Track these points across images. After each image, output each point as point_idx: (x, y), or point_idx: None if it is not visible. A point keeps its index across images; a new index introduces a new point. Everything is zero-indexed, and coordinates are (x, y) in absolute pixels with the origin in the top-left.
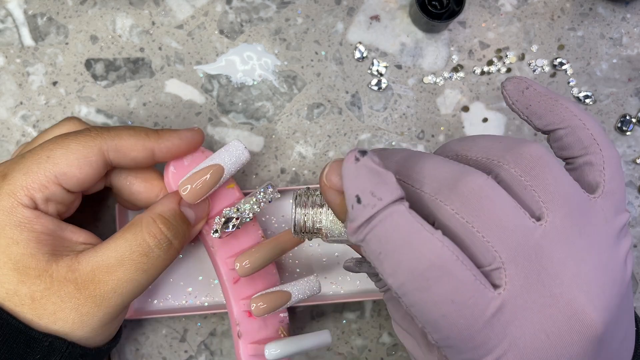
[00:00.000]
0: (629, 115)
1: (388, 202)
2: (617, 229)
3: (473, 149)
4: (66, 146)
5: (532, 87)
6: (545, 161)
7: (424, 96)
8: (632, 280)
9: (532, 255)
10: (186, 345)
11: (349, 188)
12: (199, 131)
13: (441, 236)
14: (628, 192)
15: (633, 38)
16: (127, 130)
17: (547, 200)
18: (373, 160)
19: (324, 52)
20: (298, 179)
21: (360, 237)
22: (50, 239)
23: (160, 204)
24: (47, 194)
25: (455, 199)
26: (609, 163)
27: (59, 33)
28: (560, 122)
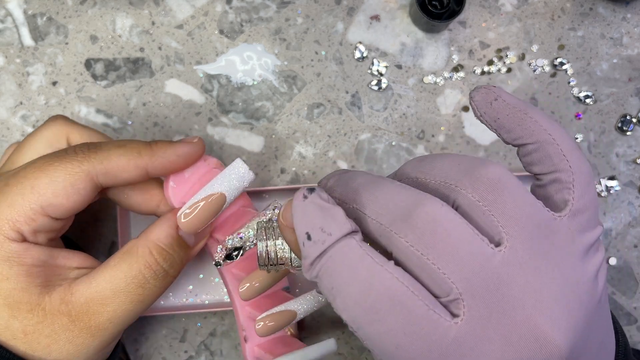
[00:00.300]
0: (630, 115)
1: (338, 237)
2: (585, 246)
3: (431, 173)
4: (51, 174)
5: (501, 98)
6: (503, 184)
7: (424, 96)
8: (632, 280)
9: (490, 283)
10: (186, 345)
11: (299, 225)
12: (198, 144)
13: (392, 267)
14: (628, 192)
15: (633, 38)
16: (117, 150)
17: (506, 224)
18: (321, 196)
19: (324, 52)
20: (298, 179)
21: (313, 273)
22: (41, 270)
23: (158, 227)
24: (35, 226)
25: (409, 231)
26: (579, 180)
27: (58, 33)
28: (529, 136)
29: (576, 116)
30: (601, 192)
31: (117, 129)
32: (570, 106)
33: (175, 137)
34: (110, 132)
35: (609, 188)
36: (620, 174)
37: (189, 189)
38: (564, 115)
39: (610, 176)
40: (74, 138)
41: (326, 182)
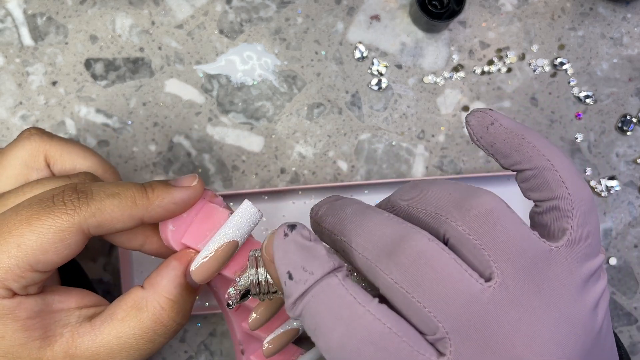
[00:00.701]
0: (630, 115)
1: (319, 276)
2: (585, 276)
3: (421, 202)
4: (38, 231)
5: (498, 122)
6: (495, 215)
7: (424, 96)
8: (632, 280)
9: (478, 321)
10: (186, 345)
11: (281, 264)
12: (197, 187)
13: (375, 307)
14: (628, 192)
15: (634, 38)
16: (110, 200)
17: (497, 259)
18: (302, 234)
19: (324, 52)
20: (298, 179)
21: (296, 312)
22: (38, 322)
23: (166, 279)
24: (24, 283)
25: (394, 268)
26: (578, 208)
27: (58, 33)
28: (527, 162)
29: (576, 116)
30: (601, 192)
31: (117, 129)
32: (571, 106)
33: (175, 137)
34: (110, 132)
35: (609, 188)
36: (621, 173)
37: (188, 229)
38: (564, 115)
39: (611, 176)
40: (52, 154)
41: (317, 210)
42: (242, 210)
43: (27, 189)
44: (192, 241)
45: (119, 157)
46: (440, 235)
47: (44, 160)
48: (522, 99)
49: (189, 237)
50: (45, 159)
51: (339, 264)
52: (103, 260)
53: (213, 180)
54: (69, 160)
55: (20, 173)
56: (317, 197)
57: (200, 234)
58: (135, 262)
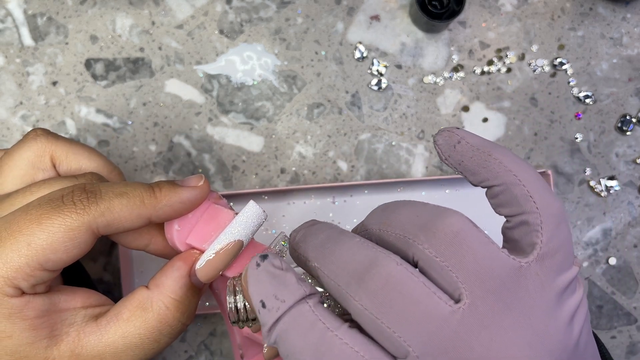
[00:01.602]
0: (629, 115)
1: (291, 304)
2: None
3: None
4: (48, 230)
5: (465, 139)
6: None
7: (424, 96)
8: (632, 280)
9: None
10: (186, 345)
11: (254, 294)
12: (203, 187)
13: (344, 332)
14: (628, 192)
15: (633, 38)
16: (119, 199)
17: (465, 280)
18: (273, 264)
19: (324, 52)
20: (298, 179)
21: (271, 340)
22: (45, 321)
23: (170, 279)
24: (33, 282)
25: (362, 294)
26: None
27: (58, 33)
28: (494, 178)
29: (576, 116)
30: (601, 192)
31: (117, 129)
32: (570, 106)
33: (175, 136)
34: (110, 132)
35: (609, 188)
36: (620, 173)
37: (193, 229)
38: (563, 115)
39: (610, 176)
40: (58, 154)
41: (295, 236)
42: (247, 210)
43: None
44: (197, 241)
45: (119, 157)
46: (409, 258)
47: (50, 161)
48: (521, 99)
49: (194, 238)
50: (51, 160)
51: (311, 291)
52: (103, 260)
53: (213, 180)
54: (74, 161)
55: (26, 173)
56: (317, 197)
57: (205, 235)
58: (136, 262)
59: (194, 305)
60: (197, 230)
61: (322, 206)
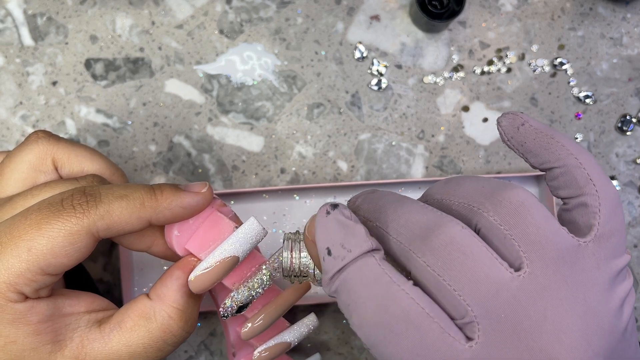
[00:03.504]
0: (629, 115)
1: (357, 254)
2: (611, 274)
3: (455, 195)
4: (48, 234)
5: (528, 123)
6: (526, 208)
7: (424, 96)
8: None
9: (507, 308)
10: (186, 345)
11: (320, 241)
12: (206, 194)
13: (410, 288)
14: (628, 192)
15: (633, 38)
16: (119, 202)
17: (527, 249)
18: (343, 213)
19: (324, 52)
20: (298, 179)
21: (332, 288)
22: (49, 325)
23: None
24: (35, 286)
25: (426, 251)
26: (605, 204)
27: (58, 33)
28: (556, 160)
29: (576, 116)
30: None
31: (117, 129)
32: (570, 106)
33: (175, 137)
34: (110, 132)
35: None
36: (620, 174)
37: (193, 235)
38: (563, 115)
39: (610, 176)
40: (60, 157)
41: (355, 200)
42: (246, 226)
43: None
44: (195, 248)
45: (119, 157)
46: (472, 225)
47: (51, 164)
48: (521, 99)
49: (193, 244)
50: (53, 162)
51: (377, 246)
52: (103, 260)
53: (213, 180)
54: (76, 163)
55: (28, 176)
56: (317, 197)
57: (204, 243)
58: (136, 262)
59: (196, 312)
60: (196, 237)
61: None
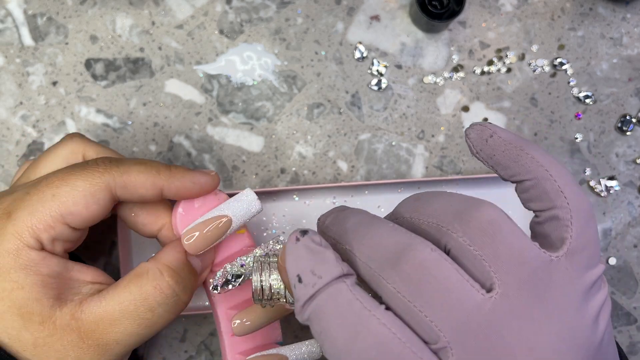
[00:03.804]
0: (629, 115)
1: (328, 281)
2: (585, 286)
3: (424, 214)
4: (72, 183)
5: (497, 134)
6: (496, 226)
7: (424, 96)
8: (632, 280)
9: (479, 332)
10: (186, 345)
11: (291, 268)
12: (214, 177)
13: (382, 313)
14: (628, 192)
15: (633, 38)
16: (137, 166)
17: (498, 269)
18: (313, 239)
19: (324, 52)
20: (298, 179)
21: (305, 316)
22: (56, 281)
23: (167, 252)
24: (54, 234)
25: (396, 277)
26: (577, 217)
27: (58, 33)
28: (526, 173)
29: (576, 116)
30: (601, 192)
31: (117, 129)
32: (570, 106)
33: (175, 137)
34: (110, 132)
35: (609, 188)
36: (620, 174)
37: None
38: (563, 115)
39: (610, 176)
40: (90, 155)
41: (324, 220)
42: (242, 194)
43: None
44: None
45: None
46: (442, 246)
47: (82, 159)
48: (521, 99)
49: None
50: (84, 158)
51: (348, 271)
52: (103, 260)
53: None
54: None
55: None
56: (317, 197)
57: None
58: (136, 263)
59: (190, 282)
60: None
61: (322, 206)
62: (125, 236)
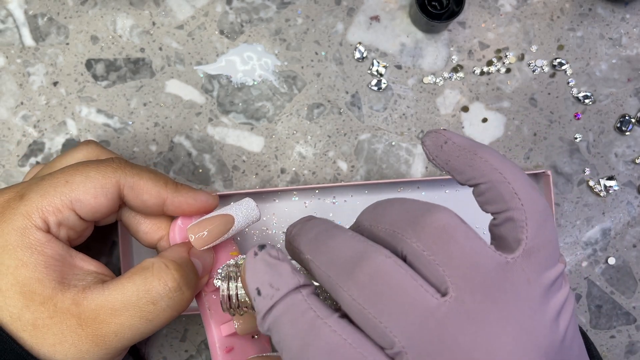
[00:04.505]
0: (629, 115)
1: (285, 292)
2: (544, 286)
3: (381, 221)
4: (86, 173)
5: (451, 140)
6: (449, 231)
7: (424, 96)
8: (631, 279)
9: (434, 336)
10: (186, 344)
11: (250, 282)
12: (214, 197)
13: (334, 321)
14: (627, 192)
15: (632, 38)
16: (148, 173)
17: (452, 273)
18: (270, 253)
19: (324, 53)
20: (298, 179)
21: (265, 327)
22: (59, 265)
23: (171, 250)
24: (60, 218)
25: (352, 285)
26: (532, 218)
27: (59, 33)
28: (481, 176)
29: (575, 116)
30: (600, 192)
31: (118, 129)
32: (570, 106)
33: (175, 137)
34: (111, 132)
35: (608, 188)
36: (619, 174)
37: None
38: (563, 115)
39: (609, 176)
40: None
41: (291, 230)
42: (242, 201)
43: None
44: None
45: None
46: (398, 252)
47: None
48: (521, 100)
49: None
50: None
51: (305, 282)
52: (104, 260)
53: (213, 180)
54: None
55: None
56: (317, 197)
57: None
58: (136, 263)
59: (193, 279)
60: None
61: (322, 206)
62: (126, 237)
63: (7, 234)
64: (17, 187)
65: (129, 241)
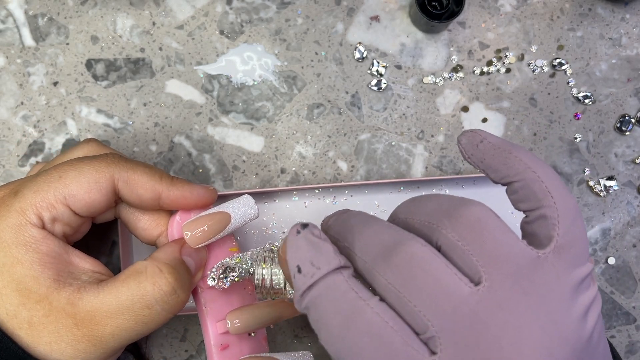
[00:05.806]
0: (628, 115)
1: (326, 272)
2: (573, 283)
3: (417, 213)
4: (79, 169)
5: (487, 139)
6: (483, 223)
7: (424, 96)
8: (631, 279)
9: (467, 323)
10: (186, 344)
11: (291, 259)
12: (212, 191)
13: (375, 303)
14: (627, 192)
15: (632, 38)
16: (142, 167)
17: (485, 264)
18: (312, 232)
19: (324, 53)
20: (298, 179)
21: (303, 305)
22: (55, 262)
23: (163, 251)
24: (55, 214)
25: (387, 269)
26: (564, 216)
27: (59, 33)
28: (515, 175)
29: (575, 116)
30: (600, 192)
31: (118, 129)
32: (570, 106)
33: (175, 137)
34: (111, 132)
35: (608, 188)
36: (619, 174)
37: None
38: (563, 115)
39: (609, 176)
40: None
41: (327, 221)
42: (241, 198)
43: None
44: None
45: None
46: (433, 242)
47: None
48: (521, 100)
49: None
50: None
51: (345, 263)
52: (103, 260)
53: (214, 180)
54: None
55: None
56: (317, 197)
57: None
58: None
59: (187, 281)
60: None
61: (322, 206)
62: (126, 236)
63: (2, 231)
64: (12, 184)
65: (129, 241)
